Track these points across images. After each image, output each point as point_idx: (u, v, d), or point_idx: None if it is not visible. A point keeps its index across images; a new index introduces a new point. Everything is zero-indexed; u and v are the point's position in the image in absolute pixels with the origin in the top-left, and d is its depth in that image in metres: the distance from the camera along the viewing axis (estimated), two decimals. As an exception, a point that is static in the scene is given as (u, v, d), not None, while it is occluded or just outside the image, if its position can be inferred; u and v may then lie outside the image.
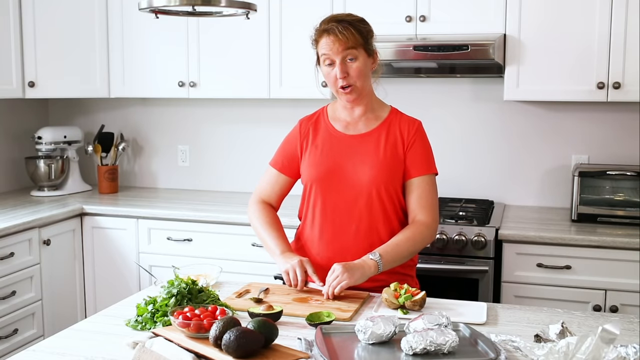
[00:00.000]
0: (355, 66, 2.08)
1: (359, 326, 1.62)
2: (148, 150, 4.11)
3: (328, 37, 2.07)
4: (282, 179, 2.28)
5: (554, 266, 2.84)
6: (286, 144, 2.29)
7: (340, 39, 2.05)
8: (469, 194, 3.53)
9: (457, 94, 3.53)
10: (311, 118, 2.28)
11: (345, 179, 2.13)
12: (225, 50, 3.52)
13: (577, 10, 2.99)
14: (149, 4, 1.96)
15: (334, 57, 2.07)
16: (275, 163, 2.29)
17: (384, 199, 2.12)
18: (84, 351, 1.63)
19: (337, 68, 2.07)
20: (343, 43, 2.05)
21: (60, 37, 3.61)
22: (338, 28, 2.06)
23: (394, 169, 2.13)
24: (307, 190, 2.21)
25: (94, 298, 3.52)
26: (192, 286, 1.85)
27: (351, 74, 2.08)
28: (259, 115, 3.86)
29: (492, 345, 1.55)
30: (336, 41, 2.05)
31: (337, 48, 2.05)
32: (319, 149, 2.19)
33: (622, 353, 1.42)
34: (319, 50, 2.11)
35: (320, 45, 2.10)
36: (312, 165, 2.18)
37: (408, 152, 2.15)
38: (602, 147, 3.36)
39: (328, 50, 2.07)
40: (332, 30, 2.06)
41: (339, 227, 2.14)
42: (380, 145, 2.14)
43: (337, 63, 2.07)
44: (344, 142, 2.17)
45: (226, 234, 3.28)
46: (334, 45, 2.05)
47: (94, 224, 3.49)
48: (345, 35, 2.05)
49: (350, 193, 2.13)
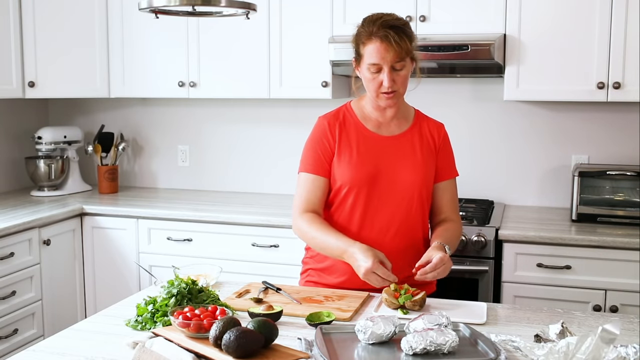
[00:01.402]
0: (403, 74, 2.05)
1: (359, 326, 1.62)
2: (148, 150, 4.11)
3: (381, 44, 1.99)
4: (322, 182, 2.13)
5: (554, 266, 2.84)
6: (317, 144, 2.14)
7: (396, 49, 1.98)
8: (469, 194, 3.53)
9: (457, 94, 3.53)
10: (337, 117, 2.16)
11: (388, 181, 2.10)
12: (225, 50, 3.52)
13: (577, 10, 2.99)
14: (149, 4, 1.96)
15: (383, 66, 2.01)
16: (310, 168, 2.14)
17: (424, 200, 2.15)
18: (84, 351, 1.63)
19: (386, 76, 2.01)
20: (397, 53, 1.99)
21: (60, 37, 3.61)
22: (394, 37, 1.98)
23: (430, 171, 2.16)
24: (342, 192, 2.11)
25: (94, 298, 3.52)
26: (192, 286, 1.85)
27: (397, 81, 2.05)
28: (259, 115, 3.86)
29: (492, 345, 1.55)
30: (390, 50, 1.99)
31: (389, 57, 2.00)
32: (354, 150, 2.11)
33: (622, 353, 1.42)
34: (366, 55, 2.02)
35: (368, 49, 2.01)
36: (350, 168, 2.10)
37: (438, 155, 2.18)
38: (602, 147, 3.36)
39: (379, 59, 2.00)
40: (386, 38, 1.98)
41: (378, 230, 2.11)
42: (415, 147, 2.14)
43: (385, 71, 2.01)
44: (380, 143, 2.13)
45: (226, 234, 3.28)
46: (387, 53, 1.99)
47: (94, 224, 3.49)
48: (400, 46, 1.99)
49: (393, 195, 2.10)
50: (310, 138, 2.18)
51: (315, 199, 2.13)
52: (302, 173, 2.16)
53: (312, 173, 2.13)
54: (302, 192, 2.14)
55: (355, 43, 2.08)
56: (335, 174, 2.12)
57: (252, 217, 3.24)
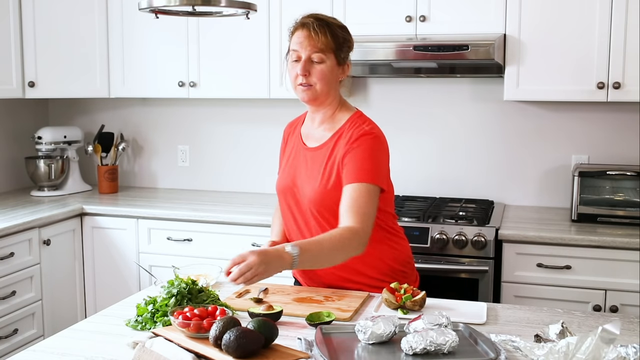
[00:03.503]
0: (320, 68, 2.02)
1: (359, 326, 1.62)
2: (148, 150, 4.11)
3: (302, 32, 2.01)
4: None
5: (554, 266, 2.84)
6: (280, 151, 2.29)
7: (313, 37, 1.99)
8: (469, 194, 3.54)
9: (457, 94, 3.53)
10: (292, 123, 2.27)
11: (299, 194, 2.10)
12: (225, 50, 3.52)
13: (577, 10, 2.99)
14: (149, 4, 1.96)
15: (301, 53, 2.02)
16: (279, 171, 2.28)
17: (328, 217, 2.03)
18: (84, 351, 1.63)
19: (301, 65, 2.01)
20: (313, 42, 2.00)
21: (60, 37, 3.61)
22: (314, 26, 2.00)
23: (334, 189, 2.01)
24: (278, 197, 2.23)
25: (94, 298, 3.52)
26: (192, 286, 1.85)
27: (313, 74, 2.02)
28: (259, 115, 3.86)
29: (492, 345, 1.55)
30: (308, 38, 2.00)
31: (306, 45, 2.00)
32: (286, 159, 2.20)
33: (622, 353, 1.42)
34: (292, 42, 2.05)
35: (293, 38, 2.04)
36: (279, 177, 2.20)
37: (344, 159, 2.01)
38: (602, 147, 3.36)
39: (298, 46, 2.02)
40: (307, 26, 2.01)
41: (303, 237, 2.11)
42: (323, 161, 2.06)
43: (302, 59, 2.01)
44: (301, 154, 2.14)
45: (226, 234, 3.28)
46: (305, 40, 2.00)
47: (94, 224, 3.49)
48: (319, 36, 1.99)
49: (302, 208, 2.11)
50: None
51: None
52: None
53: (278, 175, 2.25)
54: None
55: (289, 36, 2.08)
56: None
57: (252, 217, 3.24)
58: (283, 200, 2.17)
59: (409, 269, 2.22)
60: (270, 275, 1.77)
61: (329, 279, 2.11)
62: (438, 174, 3.59)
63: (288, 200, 2.15)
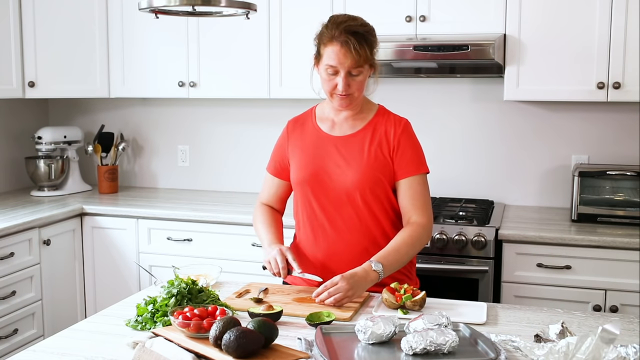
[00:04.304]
0: (359, 80, 2.06)
1: (359, 326, 1.62)
2: (148, 150, 4.11)
3: (340, 49, 2.00)
4: (279, 183, 2.28)
5: (554, 266, 2.84)
6: (277, 147, 2.29)
7: (354, 56, 2.00)
8: (469, 194, 3.54)
9: (457, 94, 3.53)
10: (299, 119, 2.27)
11: (330, 181, 2.11)
12: (225, 50, 3.52)
13: (577, 10, 2.99)
14: (149, 4, 1.96)
15: (340, 69, 2.02)
16: (269, 167, 2.30)
17: (370, 201, 2.10)
18: (84, 351, 1.63)
19: (341, 80, 2.02)
20: (355, 61, 2.01)
21: (60, 37, 3.61)
22: (354, 44, 1.98)
23: (381, 171, 2.10)
24: (295, 191, 2.21)
25: (94, 298, 3.52)
26: (192, 286, 1.85)
27: (352, 86, 2.05)
28: (259, 115, 3.86)
29: (492, 345, 1.55)
30: (349, 56, 2.00)
31: (347, 63, 2.00)
32: (305, 151, 2.18)
33: (622, 353, 1.42)
34: (325, 56, 2.03)
35: (327, 51, 2.02)
36: (298, 168, 2.17)
37: (395, 153, 2.11)
38: (602, 147, 3.36)
39: (336, 63, 2.01)
40: (346, 44, 1.99)
41: (329, 230, 2.13)
42: (364, 147, 2.11)
43: (341, 75, 2.02)
44: (329, 143, 2.15)
45: (226, 234, 3.28)
46: (345, 59, 2.00)
47: (94, 224, 3.49)
48: (359, 53, 2.00)
49: (337, 196, 2.11)
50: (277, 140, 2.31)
51: (271, 196, 2.31)
52: (265, 170, 2.33)
53: (268, 172, 2.31)
54: (262, 188, 2.35)
55: (317, 41, 2.09)
56: (290, 174, 2.22)
57: (252, 217, 3.23)
58: (304, 191, 2.15)
59: (412, 273, 2.25)
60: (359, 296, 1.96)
61: None
62: (438, 174, 3.57)
63: (314, 189, 2.13)
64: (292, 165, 2.20)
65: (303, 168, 2.16)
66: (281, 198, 2.31)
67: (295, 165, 2.19)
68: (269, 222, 2.25)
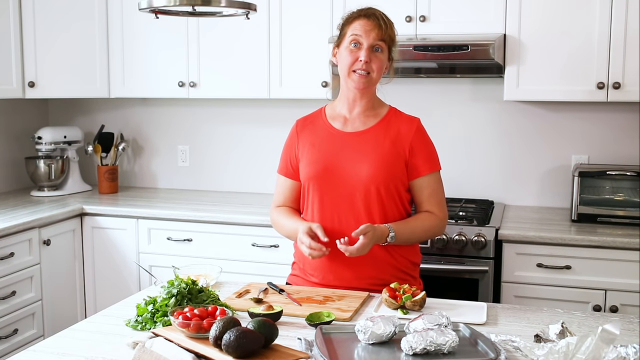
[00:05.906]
0: (379, 58, 2.10)
1: (359, 326, 1.62)
2: (148, 150, 4.11)
3: (367, 21, 2.08)
4: (292, 184, 2.25)
5: (554, 266, 2.84)
6: (286, 148, 2.28)
7: (381, 26, 2.07)
8: (469, 194, 3.53)
9: (457, 94, 3.53)
10: (308, 118, 2.27)
11: (342, 176, 2.11)
12: (225, 50, 3.52)
13: (577, 10, 2.99)
14: (149, 4, 1.96)
15: (364, 41, 2.07)
16: (281, 169, 2.29)
17: (383, 196, 2.11)
18: (84, 351, 1.63)
19: (364, 51, 2.07)
20: (380, 32, 2.07)
21: (60, 37, 3.61)
22: (380, 17, 2.09)
23: (395, 167, 2.12)
24: (305, 188, 2.20)
25: (94, 298, 3.52)
26: (192, 286, 1.85)
27: (373, 63, 2.09)
28: (259, 115, 3.86)
29: (492, 345, 1.55)
30: (376, 27, 2.07)
31: (372, 34, 2.07)
32: (315, 147, 2.18)
33: (622, 353, 1.42)
34: (350, 30, 2.10)
35: (353, 25, 2.09)
36: (309, 163, 2.17)
37: (411, 151, 2.13)
38: (602, 147, 3.36)
39: (362, 32, 2.07)
40: (373, 16, 2.08)
41: (338, 225, 2.13)
42: (379, 143, 2.12)
43: (364, 47, 2.07)
44: (342, 139, 2.16)
45: (226, 234, 3.28)
46: (371, 30, 2.07)
47: (94, 224, 3.49)
48: (386, 26, 2.08)
49: (348, 190, 2.11)
50: (285, 141, 2.31)
51: (285, 199, 2.29)
52: (277, 173, 2.32)
53: (280, 174, 2.30)
54: (275, 192, 2.33)
55: (341, 26, 2.14)
56: (300, 171, 2.22)
57: (252, 217, 3.24)
58: (316, 188, 2.15)
59: (417, 274, 2.25)
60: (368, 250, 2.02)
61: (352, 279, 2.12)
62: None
63: (325, 185, 2.14)
64: (302, 161, 2.20)
65: (314, 163, 2.16)
66: (296, 199, 2.27)
67: (305, 162, 2.19)
68: (290, 214, 2.24)
